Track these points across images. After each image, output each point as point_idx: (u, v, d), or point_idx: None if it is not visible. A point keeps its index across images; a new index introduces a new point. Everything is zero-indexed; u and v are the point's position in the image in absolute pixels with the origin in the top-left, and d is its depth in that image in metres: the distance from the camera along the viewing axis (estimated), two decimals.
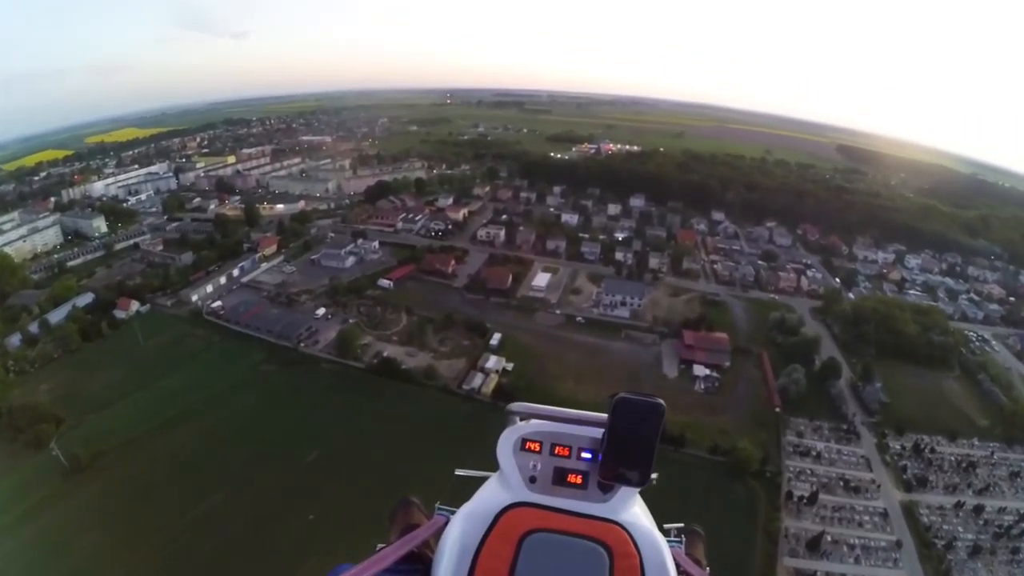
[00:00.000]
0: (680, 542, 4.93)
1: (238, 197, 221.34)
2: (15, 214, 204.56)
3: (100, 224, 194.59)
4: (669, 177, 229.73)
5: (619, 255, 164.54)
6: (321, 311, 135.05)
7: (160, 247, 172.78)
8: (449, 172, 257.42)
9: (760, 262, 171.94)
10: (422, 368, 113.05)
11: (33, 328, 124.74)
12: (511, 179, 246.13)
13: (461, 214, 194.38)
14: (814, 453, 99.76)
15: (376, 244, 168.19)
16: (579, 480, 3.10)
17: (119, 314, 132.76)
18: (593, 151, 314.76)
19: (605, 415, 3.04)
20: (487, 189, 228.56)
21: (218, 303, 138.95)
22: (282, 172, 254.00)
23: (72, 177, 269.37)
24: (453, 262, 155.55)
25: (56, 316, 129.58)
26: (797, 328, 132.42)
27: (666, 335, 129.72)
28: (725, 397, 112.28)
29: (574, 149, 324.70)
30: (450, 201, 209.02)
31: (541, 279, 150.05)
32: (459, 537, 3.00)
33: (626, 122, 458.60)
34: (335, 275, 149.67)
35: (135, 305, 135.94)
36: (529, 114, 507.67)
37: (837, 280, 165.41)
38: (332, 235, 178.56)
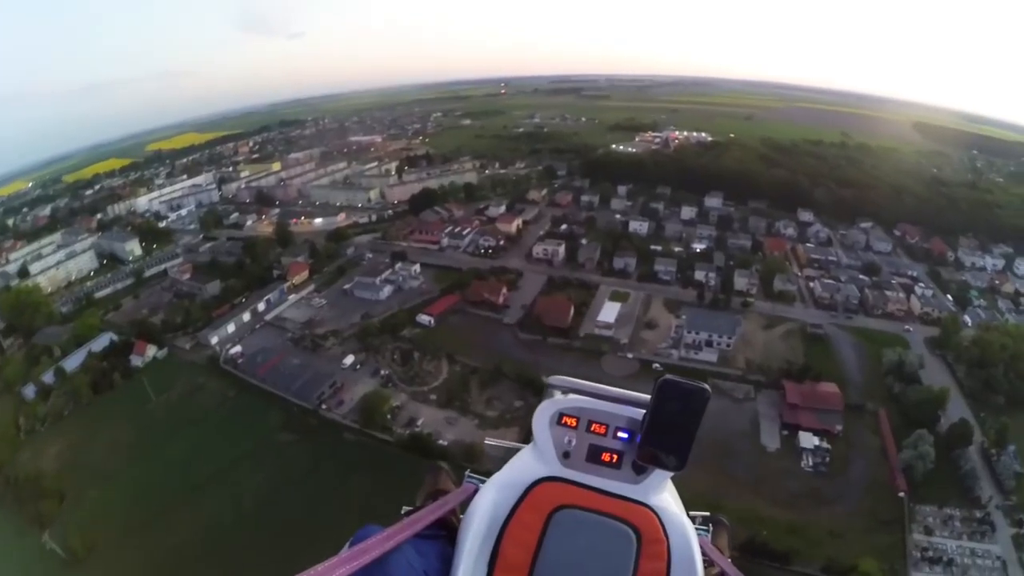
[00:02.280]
0: (707, 531, 4.78)
1: (277, 210, 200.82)
2: (57, 235, 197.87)
3: (134, 247, 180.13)
4: (749, 172, 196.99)
5: (699, 274, 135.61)
6: (349, 359, 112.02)
7: (187, 275, 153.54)
8: (503, 172, 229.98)
9: (862, 277, 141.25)
10: (463, 446, 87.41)
11: (48, 377, 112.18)
12: (571, 178, 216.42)
13: (514, 225, 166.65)
14: (945, 559, 73.47)
15: (417, 268, 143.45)
16: (613, 459, 3.01)
17: (135, 360, 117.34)
18: (659, 142, 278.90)
19: (645, 395, 3.02)
20: (544, 193, 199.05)
21: (237, 348, 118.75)
22: (325, 180, 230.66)
23: (122, 190, 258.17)
24: (504, 289, 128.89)
25: (73, 362, 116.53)
26: (917, 372, 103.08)
27: (763, 385, 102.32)
28: (837, 479, 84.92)
29: (637, 139, 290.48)
30: (502, 209, 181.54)
31: (608, 311, 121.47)
32: (489, 506, 2.97)
33: (690, 105, 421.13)
34: (369, 309, 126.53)
35: (152, 350, 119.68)
36: (587, 101, 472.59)
37: (949, 298, 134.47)
38: (369, 256, 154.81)
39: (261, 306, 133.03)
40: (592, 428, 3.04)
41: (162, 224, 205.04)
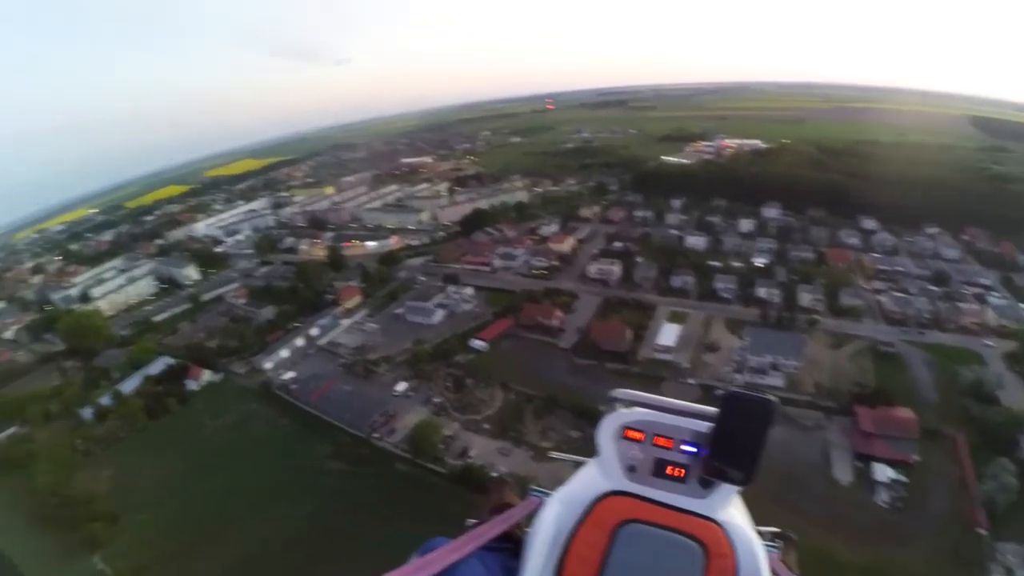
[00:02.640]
0: (775, 547, 4.61)
1: (331, 234, 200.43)
2: (119, 260, 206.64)
3: (191, 272, 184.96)
4: (805, 179, 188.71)
5: (760, 290, 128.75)
6: (402, 386, 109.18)
7: (243, 300, 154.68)
8: (554, 189, 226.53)
9: (933, 288, 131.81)
10: (516, 479, 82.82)
11: (105, 400, 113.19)
12: (622, 193, 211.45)
13: (568, 244, 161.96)
14: None
15: (469, 291, 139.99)
16: (679, 473, 3.01)
17: (191, 384, 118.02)
18: (711, 152, 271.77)
19: (710, 408, 3.02)
20: (596, 210, 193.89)
21: (291, 374, 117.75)
22: (376, 203, 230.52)
23: (180, 216, 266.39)
24: (558, 312, 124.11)
25: (129, 385, 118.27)
26: (995, 391, 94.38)
27: (833, 411, 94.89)
28: (914, 513, 76.90)
29: (688, 149, 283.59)
30: (554, 228, 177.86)
31: (668, 333, 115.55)
32: (553, 521, 2.97)
33: (738, 111, 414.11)
34: (421, 334, 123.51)
35: (206, 374, 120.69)
36: (634, 112, 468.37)
37: None
38: (421, 279, 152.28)
39: (314, 331, 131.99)
40: (657, 442, 3.07)
41: (219, 249, 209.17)
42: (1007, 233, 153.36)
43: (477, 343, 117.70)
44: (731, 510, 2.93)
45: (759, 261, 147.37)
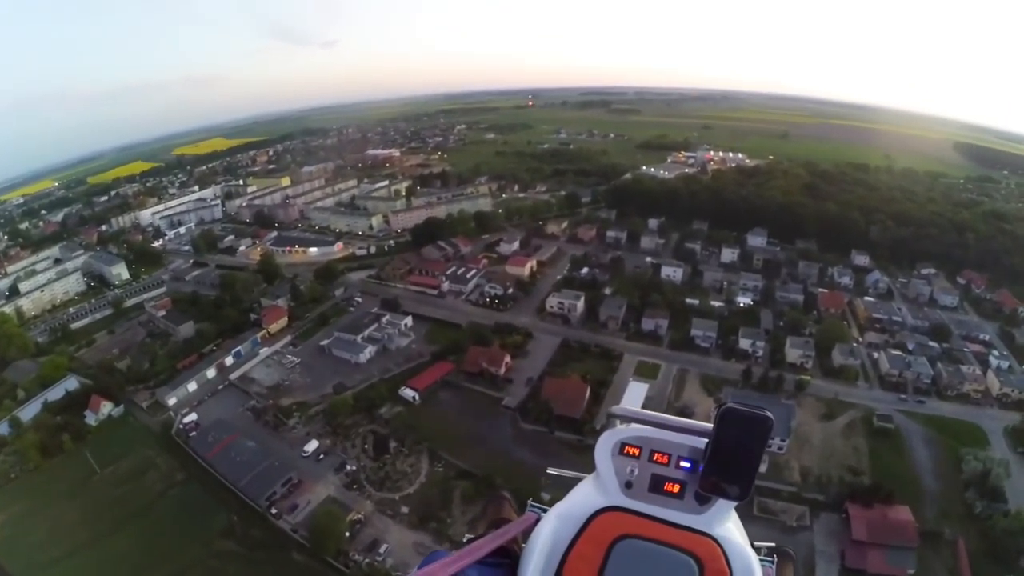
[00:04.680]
0: (772, 562, 4.18)
1: (275, 233, 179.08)
2: (56, 249, 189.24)
3: (121, 270, 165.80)
4: (795, 205, 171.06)
5: (744, 342, 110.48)
6: (312, 446, 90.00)
7: (163, 312, 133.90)
8: (521, 196, 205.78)
9: (932, 344, 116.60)
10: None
11: (2, 428, 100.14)
12: (595, 207, 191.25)
13: (528, 268, 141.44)
14: None
15: (408, 321, 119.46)
16: (676, 489, 2.94)
17: (89, 417, 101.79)
18: (693, 163, 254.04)
19: (707, 424, 2.96)
20: (564, 226, 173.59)
21: (192, 417, 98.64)
22: (329, 201, 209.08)
23: (133, 200, 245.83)
24: (507, 359, 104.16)
25: (30, 411, 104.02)
26: (1001, 483, 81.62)
27: (821, 505, 79.48)
28: None
29: (669, 159, 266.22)
30: (515, 245, 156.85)
31: (633, 394, 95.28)
32: (550, 536, 2.93)
33: (721, 121, 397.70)
34: (345, 376, 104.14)
35: (107, 406, 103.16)
36: (616, 115, 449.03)
37: None
38: (358, 300, 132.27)
39: (229, 359, 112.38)
40: (655, 458, 2.99)
41: (159, 242, 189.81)
42: (1003, 275, 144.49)
43: (408, 392, 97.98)
44: (728, 525, 2.87)
45: (743, 301, 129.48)
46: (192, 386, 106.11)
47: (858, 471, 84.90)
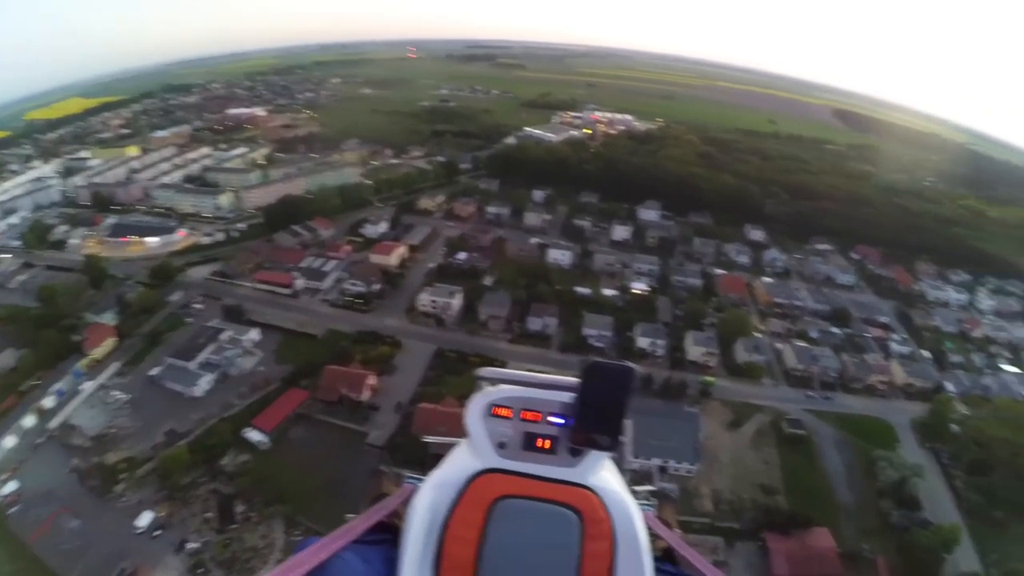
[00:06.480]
0: (652, 505, 4.63)
1: (114, 219, 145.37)
2: None
3: None
4: (689, 176, 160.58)
5: (643, 340, 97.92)
6: (146, 518, 68.14)
7: None
8: (394, 163, 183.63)
9: (834, 330, 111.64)
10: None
11: None
12: (476, 176, 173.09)
13: (397, 255, 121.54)
14: None
15: (254, 335, 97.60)
16: (549, 445, 2.92)
17: None
18: (581, 124, 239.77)
19: (574, 379, 2.90)
20: (440, 200, 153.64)
21: (12, 486, 72.99)
22: (179, 175, 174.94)
23: None
24: (371, 380, 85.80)
25: None
26: (914, 486, 78.61)
27: (737, 535, 70.92)
28: None
29: (556, 119, 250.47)
30: (383, 226, 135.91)
31: None
32: (428, 506, 2.86)
33: (607, 79, 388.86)
34: (179, 416, 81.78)
35: None
36: (501, 70, 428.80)
37: (927, 354, 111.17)
38: (199, 307, 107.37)
39: (48, 401, 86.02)
40: (525, 416, 2.93)
41: None
42: (897, 253, 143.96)
43: (255, 435, 78.17)
44: (603, 475, 2.87)
45: (638, 287, 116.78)
46: (9, 441, 79.71)
47: (772, 489, 77.69)
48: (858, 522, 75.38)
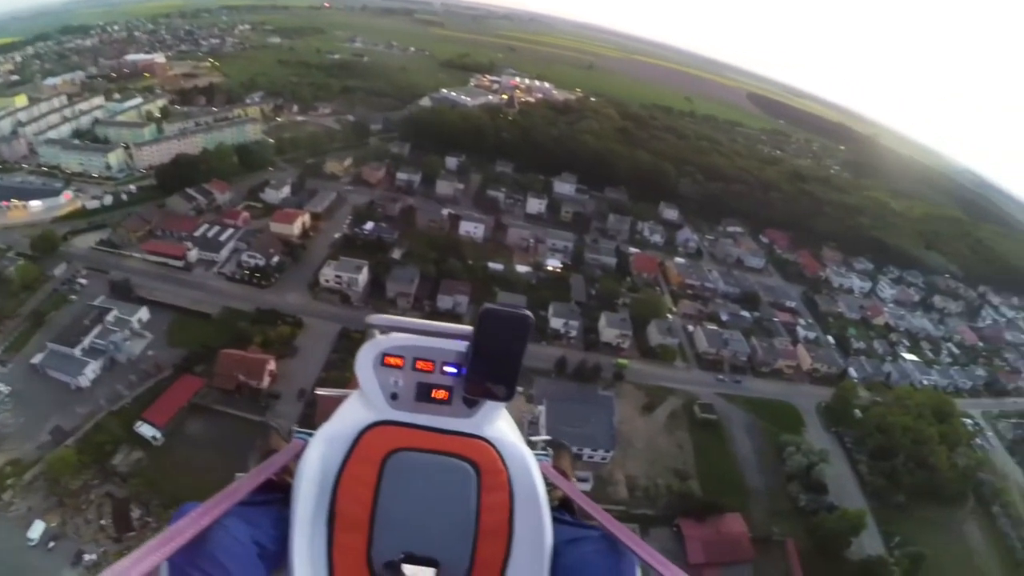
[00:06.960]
0: (548, 455, 4.43)
1: None
2: None
3: None
4: (609, 154, 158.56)
5: (556, 321, 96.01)
6: (38, 529, 60.42)
7: None
8: (300, 120, 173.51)
9: (744, 313, 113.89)
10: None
11: None
12: (388, 136, 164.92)
13: (299, 223, 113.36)
14: None
15: (143, 315, 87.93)
16: (444, 396, 2.84)
17: None
18: (499, 90, 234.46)
19: (469, 328, 2.81)
20: (347, 163, 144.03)
21: None
22: (67, 128, 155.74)
23: None
24: (271, 365, 79.98)
25: None
26: (819, 469, 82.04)
27: (651, 521, 72.06)
28: None
29: (473, 83, 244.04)
30: (286, 191, 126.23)
31: None
32: (318, 461, 2.77)
33: (527, 44, 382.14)
34: (65, 409, 72.87)
35: None
36: (419, 27, 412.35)
37: (831, 340, 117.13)
38: (82, 283, 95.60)
39: None
40: (418, 366, 2.85)
41: None
42: (804, 238, 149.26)
43: (147, 430, 70.99)
44: (499, 424, 2.83)
45: (552, 264, 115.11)
46: None
47: (685, 474, 79.66)
48: (768, 506, 78.34)
